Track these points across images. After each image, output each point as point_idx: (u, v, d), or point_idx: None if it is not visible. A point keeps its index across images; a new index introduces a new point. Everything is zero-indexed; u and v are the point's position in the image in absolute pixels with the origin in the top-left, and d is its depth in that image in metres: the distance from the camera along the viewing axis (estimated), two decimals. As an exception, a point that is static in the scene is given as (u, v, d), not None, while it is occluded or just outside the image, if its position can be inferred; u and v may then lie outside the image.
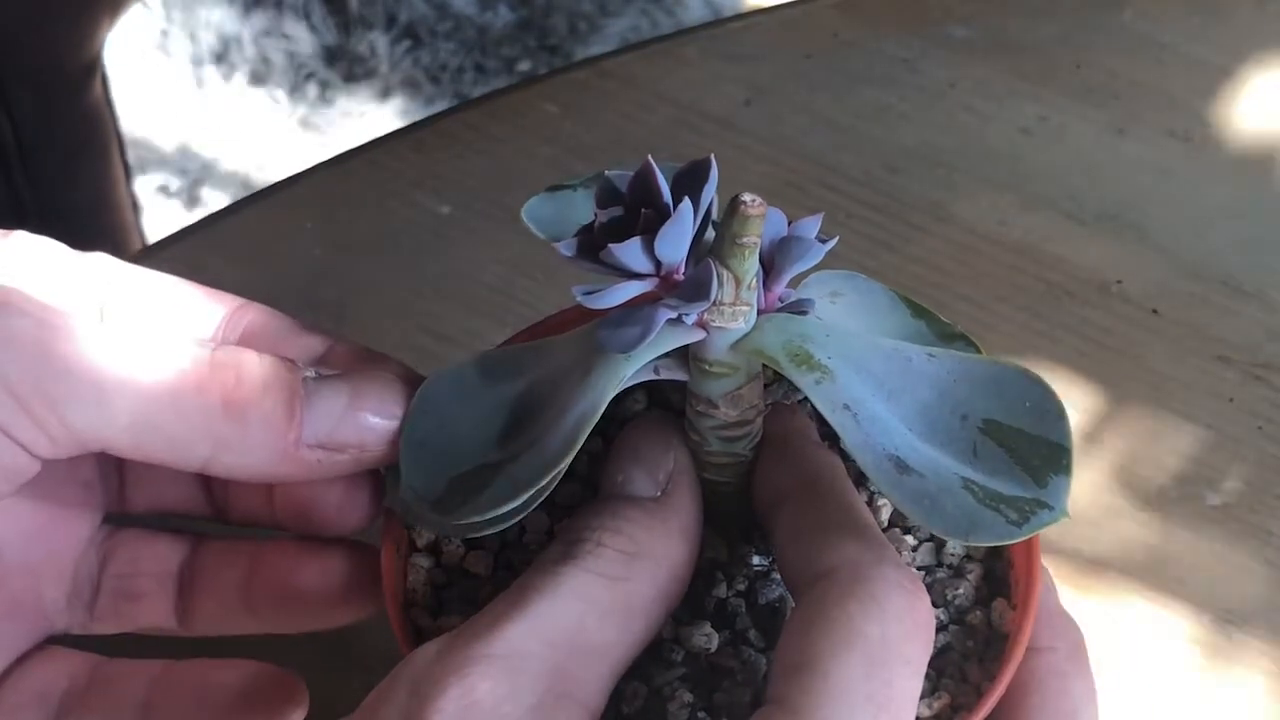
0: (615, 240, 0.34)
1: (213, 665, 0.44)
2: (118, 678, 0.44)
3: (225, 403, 0.38)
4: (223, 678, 0.44)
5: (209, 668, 0.44)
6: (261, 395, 0.39)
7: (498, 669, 0.33)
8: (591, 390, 0.35)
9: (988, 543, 0.36)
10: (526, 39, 1.29)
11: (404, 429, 0.38)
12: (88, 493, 0.44)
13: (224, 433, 0.39)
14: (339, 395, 0.39)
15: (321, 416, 0.39)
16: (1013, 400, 0.36)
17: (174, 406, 0.38)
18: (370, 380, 0.39)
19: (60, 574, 0.44)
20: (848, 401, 0.35)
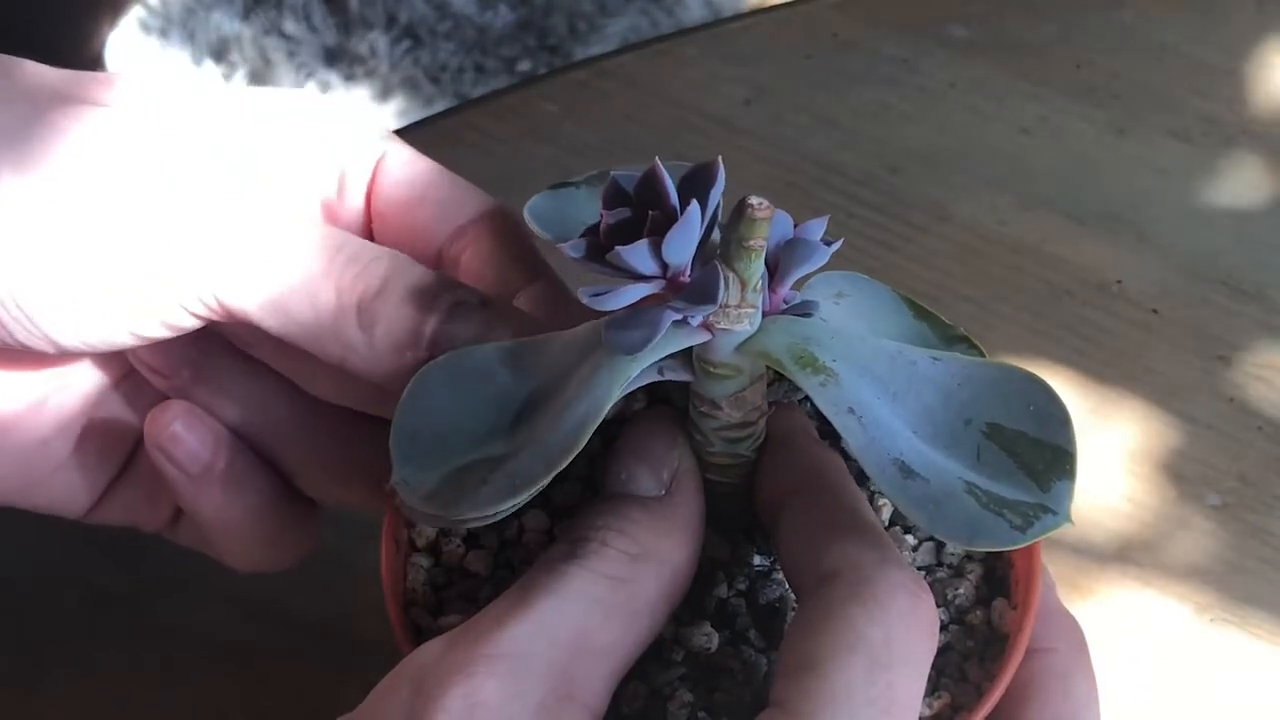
0: (622, 242, 0.34)
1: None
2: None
3: (359, 310, 0.39)
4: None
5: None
6: (396, 310, 0.39)
7: (503, 668, 0.33)
8: (596, 389, 0.35)
9: (991, 548, 0.36)
10: (526, 39, 1.29)
11: (395, 420, 0.38)
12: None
13: (351, 337, 0.39)
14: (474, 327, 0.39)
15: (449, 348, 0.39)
16: (1017, 404, 0.36)
17: (310, 300, 0.39)
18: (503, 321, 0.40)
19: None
20: (852, 404, 0.35)
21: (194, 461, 0.43)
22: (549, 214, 0.41)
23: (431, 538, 0.41)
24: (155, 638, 0.53)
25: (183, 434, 0.43)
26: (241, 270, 0.39)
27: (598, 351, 0.36)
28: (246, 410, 0.44)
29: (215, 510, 0.44)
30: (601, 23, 1.24)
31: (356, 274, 0.40)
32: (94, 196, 0.39)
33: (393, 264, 0.40)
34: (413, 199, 0.44)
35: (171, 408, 0.43)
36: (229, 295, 0.40)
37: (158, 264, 0.39)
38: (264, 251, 0.40)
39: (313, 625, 0.53)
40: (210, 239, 0.39)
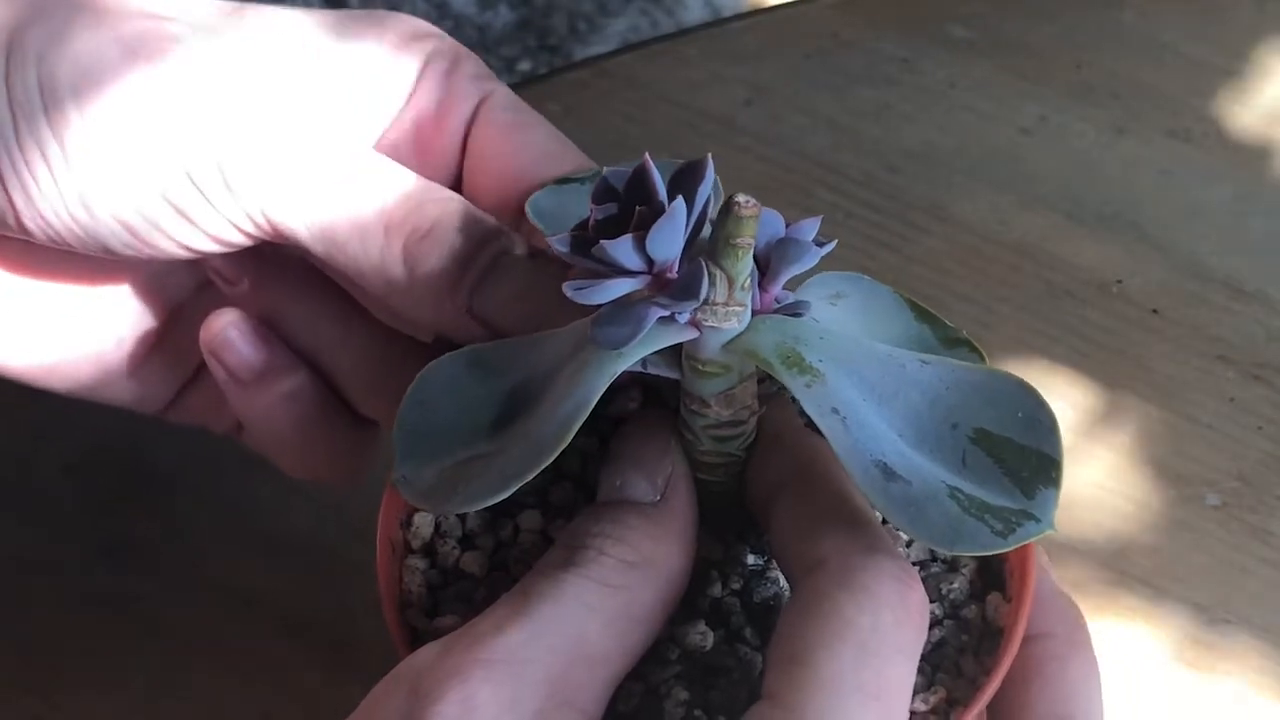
0: (609, 237, 0.34)
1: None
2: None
3: (405, 250, 0.40)
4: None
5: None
6: (441, 254, 0.40)
7: (499, 674, 0.33)
8: (582, 386, 0.35)
9: (972, 552, 0.36)
10: (526, 39, 1.29)
11: (398, 417, 0.38)
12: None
13: (395, 276, 0.40)
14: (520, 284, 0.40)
15: (493, 298, 0.40)
16: (1005, 410, 0.36)
17: (359, 232, 0.40)
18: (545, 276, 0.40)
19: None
20: (837, 405, 0.35)
21: (244, 368, 0.44)
22: (551, 210, 0.41)
23: (426, 539, 0.41)
24: (155, 638, 0.53)
25: (234, 340, 0.44)
26: (294, 191, 0.40)
27: (585, 348, 0.36)
28: (304, 324, 0.45)
29: (264, 418, 0.45)
30: (601, 23, 1.24)
31: (408, 212, 0.40)
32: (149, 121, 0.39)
33: (445, 208, 0.40)
34: (510, 145, 0.44)
35: (225, 314, 0.44)
36: (279, 214, 0.40)
37: (206, 175, 0.39)
38: (320, 175, 0.40)
39: (313, 625, 0.53)
40: (266, 155, 0.40)
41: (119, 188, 0.40)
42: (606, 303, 0.35)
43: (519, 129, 0.44)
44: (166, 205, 0.40)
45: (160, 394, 0.47)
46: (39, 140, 0.39)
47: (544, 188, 0.43)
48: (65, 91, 0.39)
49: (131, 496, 0.56)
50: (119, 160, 0.39)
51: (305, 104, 0.41)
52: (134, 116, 0.39)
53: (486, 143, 0.44)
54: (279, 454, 0.46)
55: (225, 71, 0.40)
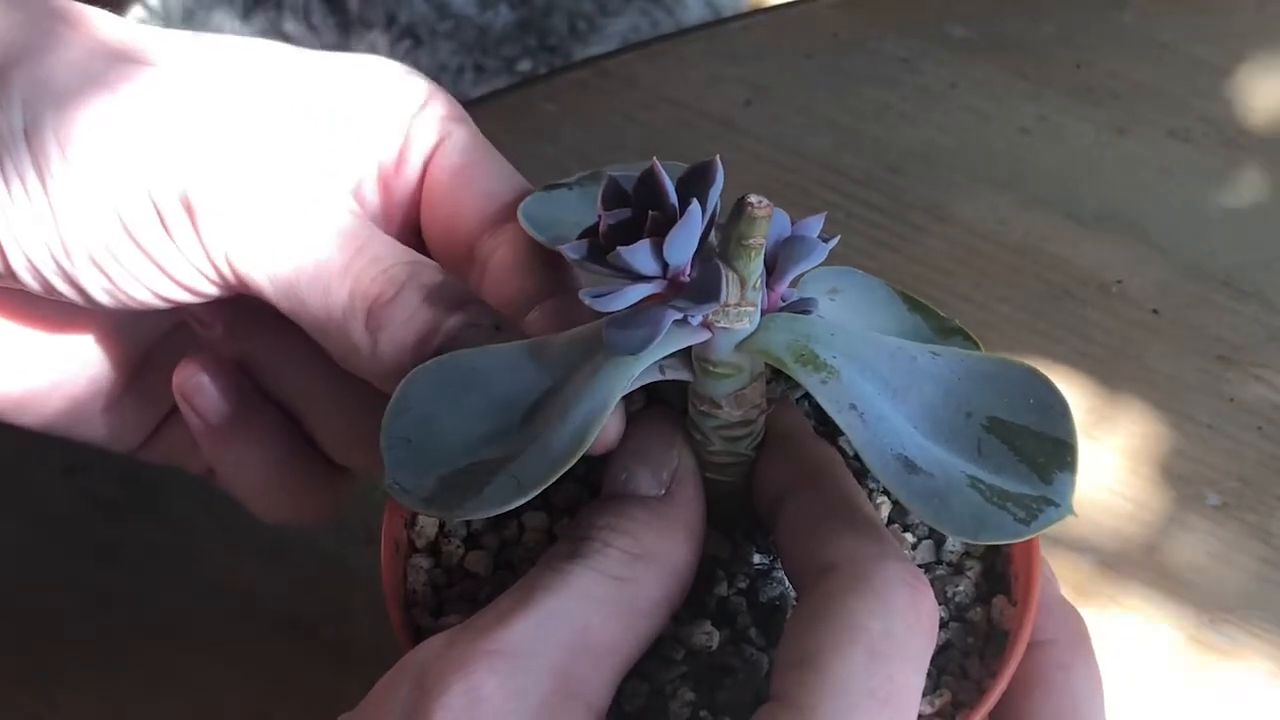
0: (623, 242, 0.34)
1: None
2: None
3: (368, 314, 0.39)
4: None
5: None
6: (405, 322, 0.39)
7: (504, 666, 0.33)
8: (599, 390, 0.35)
9: (997, 541, 0.36)
10: (526, 39, 1.28)
11: (385, 426, 0.38)
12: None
13: (357, 338, 0.40)
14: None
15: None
16: (1017, 397, 0.36)
17: (323, 291, 0.40)
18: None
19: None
20: (854, 401, 0.35)
21: (213, 414, 0.44)
22: (542, 216, 0.41)
23: (431, 539, 0.41)
24: (155, 638, 0.53)
25: (205, 386, 0.44)
26: (261, 244, 0.40)
27: (599, 352, 0.36)
28: (278, 370, 0.45)
29: (233, 462, 0.45)
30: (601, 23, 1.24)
31: (374, 276, 0.40)
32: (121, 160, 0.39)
33: (411, 271, 0.40)
34: (459, 185, 0.44)
35: (197, 361, 0.44)
36: (241, 263, 0.40)
37: (176, 225, 0.40)
38: (287, 230, 0.40)
39: (313, 625, 0.53)
40: (234, 206, 0.40)
41: (89, 220, 0.39)
42: (623, 308, 0.35)
43: (465, 171, 0.44)
44: (130, 241, 0.40)
45: (133, 433, 0.48)
46: (23, 179, 0.39)
47: (536, 191, 0.43)
48: (48, 130, 0.39)
49: (131, 496, 0.56)
50: (89, 189, 0.39)
51: (279, 146, 0.41)
52: (103, 144, 0.39)
53: (436, 188, 0.44)
54: (249, 499, 0.46)
55: (199, 105, 0.40)
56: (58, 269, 0.40)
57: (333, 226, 0.40)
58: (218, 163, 0.40)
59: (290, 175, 0.41)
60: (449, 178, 0.44)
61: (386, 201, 0.45)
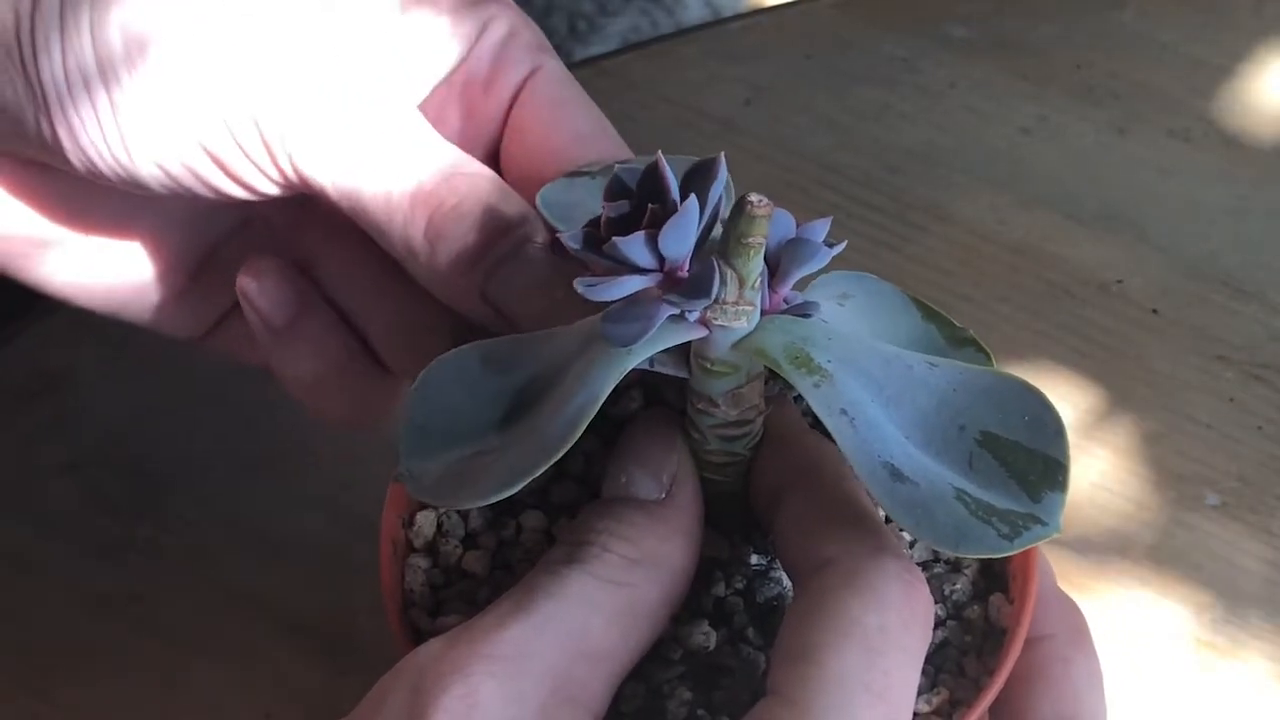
0: (620, 234, 0.34)
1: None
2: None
3: (428, 222, 0.40)
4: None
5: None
6: (464, 233, 0.40)
7: (502, 669, 0.33)
8: (591, 382, 0.35)
9: (978, 555, 0.36)
10: (527, 39, 1.28)
11: (404, 414, 0.38)
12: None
13: (416, 245, 0.40)
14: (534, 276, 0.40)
15: (506, 287, 0.40)
16: (1012, 413, 0.36)
17: (385, 197, 0.40)
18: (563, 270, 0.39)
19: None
20: (845, 406, 0.35)
21: (274, 315, 0.45)
22: (561, 204, 0.41)
23: (429, 539, 0.41)
24: (155, 637, 0.53)
25: (268, 288, 0.45)
26: (323, 148, 0.40)
27: (594, 345, 0.36)
28: (340, 275, 0.46)
29: (290, 364, 0.45)
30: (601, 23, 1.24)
31: (436, 185, 0.40)
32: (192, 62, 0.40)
33: (474, 184, 0.40)
34: (548, 123, 0.44)
35: (261, 262, 0.45)
36: (307, 168, 0.40)
37: (242, 127, 0.40)
38: (351, 135, 0.40)
39: (313, 625, 0.53)
40: (301, 109, 0.40)
41: (159, 135, 0.40)
42: (617, 300, 0.35)
43: (560, 106, 0.44)
44: (203, 154, 0.40)
45: (196, 324, 0.48)
46: (88, 84, 0.39)
47: (558, 179, 0.43)
48: (115, 38, 0.39)
49: (131, 496, 0.56)
50: (160, 108, 0.40)
51: (354, 57, 0.41)
52: (176, 66, 0.39)
53: (527, 117, 0.44)
54: (303, 397, 0.46)
55: (273, 22, 0.40)
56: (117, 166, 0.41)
57: (396, 132, 0.40)
58: (285, 70, 0.40)
59: (358, 81, 0.41)
60: (537, 113, 0.44)
61: (468, 122, 0.45)
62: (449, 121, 0.44)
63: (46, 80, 0.40)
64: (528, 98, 0.44)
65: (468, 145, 0.44)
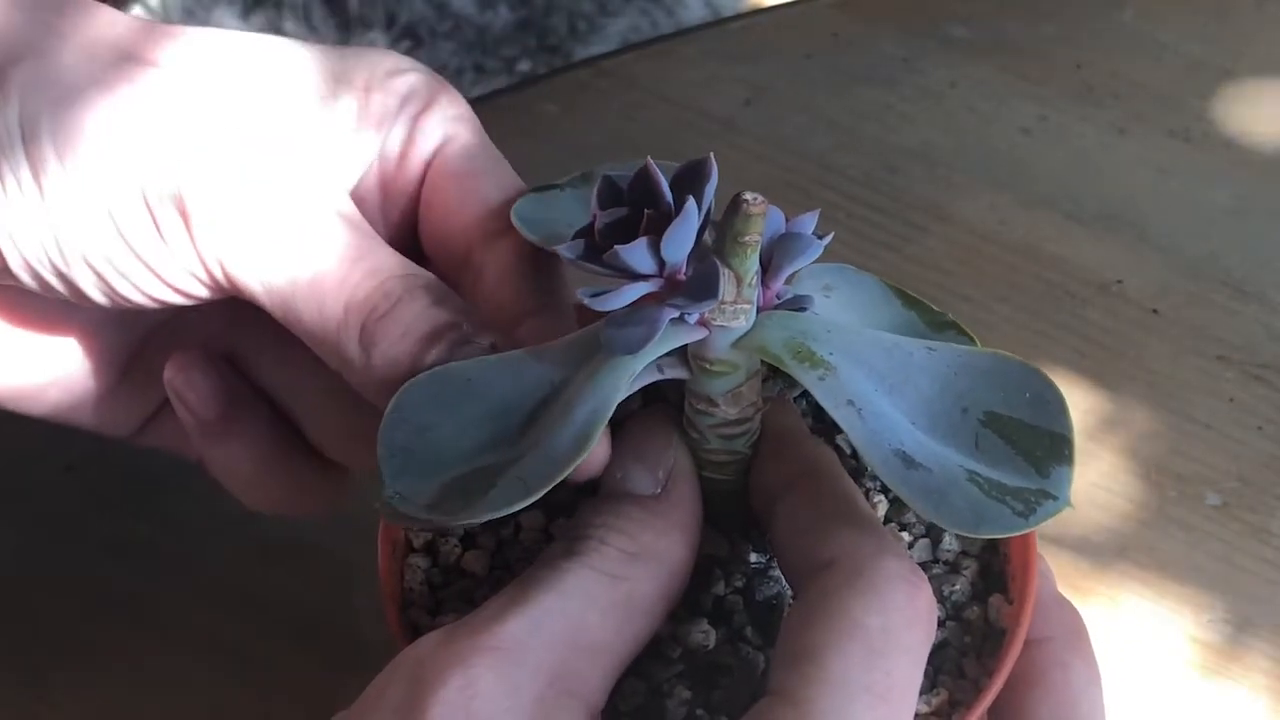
0: (619, 241, 0.34)
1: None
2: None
3: (363, 329, 0.39)
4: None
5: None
6: (399, 338, 0.39)
7: (500, 661, 0.33)
8: (600, 390, 0.35)
9: (996, 534, 0.36)
10: (526, 39, 1.29)
11: (381, 438, 0.38)
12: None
13: (350, 353, 0.39)
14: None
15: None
16: (1013, 392, 0.36)
17: (317, 303, 0.39)
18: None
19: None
20: (851, 397, 0.35)
21: (203, 409, 0.45)
22: (534, 217, 0.41)
23: (428, 538, 0.41)
24: (155, 638, 0.53)
25: (195, 382, 0.45)
26: (255, 252, 0.39)
27: (598, 353, 0.36)
28: (266, 366, 0.46)
29: (223, 455, 0.45)
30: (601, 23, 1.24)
31: (370, 290, 0.39)
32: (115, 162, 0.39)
33: (407, 285, 0.39)
34: (459, 191, 0.43)
35: (187, 356, 0.45)
36: (238, 273, 0.40)
37: (170, 229, 0.39)
38: (282, 238, 0.39)
39: (313, 625, 0.53)
40: (228, 211, 0.39)
41: (84, 221, 0.39)
42: (620, 308, 0.35)
43: (470, 177, 0.43)
44: (124, 244, 0.39)
45: (128, 421, 0.48)
46: (19, 180, 0.39)
47: (527, 194, 0.43)
48: (44, 131, 0.39)
49: (131, 496, 0.56)
50: (84, 190, 0.39)
51: (277, 146, 0.41)
52: (99, 146, 0.39)
53: (437, 191, 0.44)
54: (238, 490, 0.46)
55: (198, 107, 0.40)
56: (53, 268, 0.40)
57: (329, 235, 0.40)
58: (213, 166, 0.39)
59: (287, 179, 0.40)
60: (450, 182, 0.43)
61: (385, 199, 0.44)
62: (368, 203, 0.44)
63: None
64: (436, 171, 0.44)
65: (388, 220, 0.44)
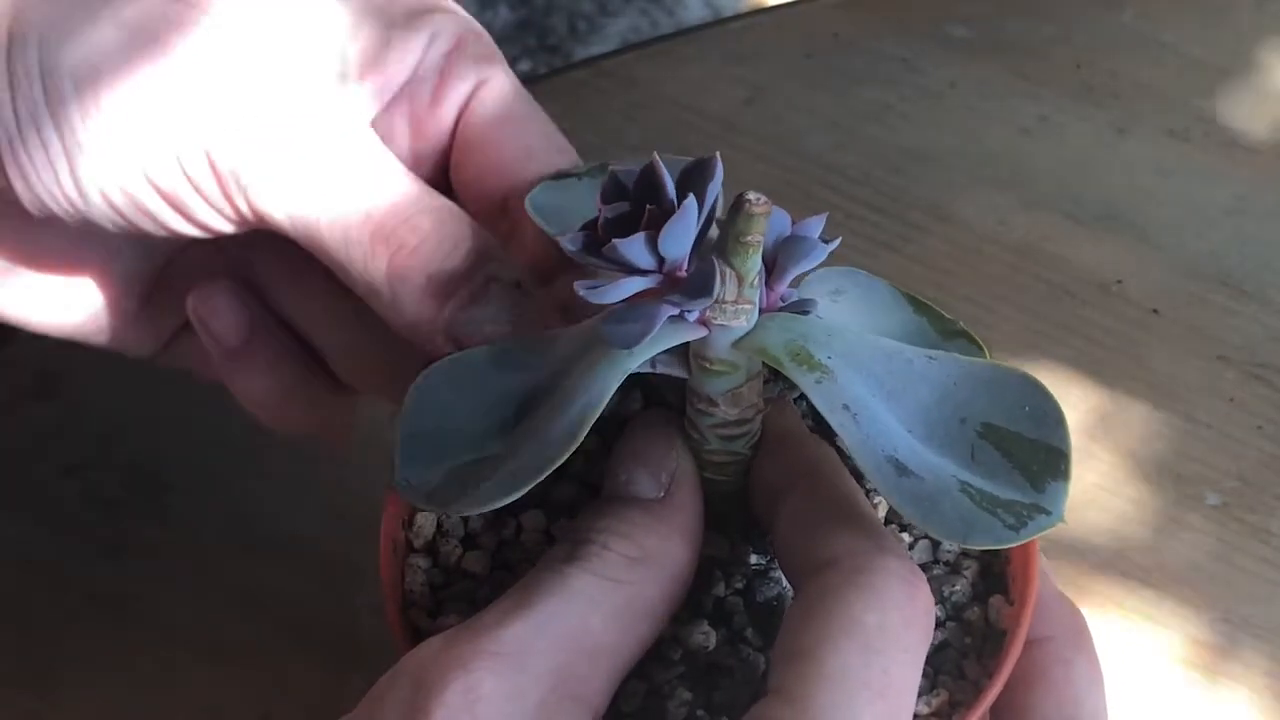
0: (620, 236, 0.34)
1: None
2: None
3: (389, 263, 0.39)
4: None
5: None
6: (427, 276, 0.39)
7: (503, 665, 0.33)
8: (593, 385, 0.35)
9: (984, 545, 0.36)
10: (526, 39, 1.29)
11: (400, 425, 0.38)
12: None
13: (377, 286, 0.40)
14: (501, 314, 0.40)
15: (472, 327, 0.40)
16: (1012, 404, 0.36)
17: (343, 237, 0.39)
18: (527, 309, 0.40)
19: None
20: (847, 402, 0.35)
21: (226, 337, 0.45)
22: (550, 206, 0.41)
23: (429, 539, 0.41)
24: (155, 637, 0.53)
25: (219, 310, 0.45)
26: (281, 187, 0.39)
27: (595, 347, 0.36)
28: (288, 294, 0.46)
29: (244, 382, 0.46)
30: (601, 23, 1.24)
31: (397, 224, 0.39)
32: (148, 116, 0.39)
33: (436, 220, 0.40)
34: (496, 138, 0.43)
35: (211, 285, 0.45)
36: (263, 205, 0.40)
37: (194, 162, 0.39)
38: (309, 173, 0.40)
39: (313, 625, 0.53)
40: (255, 144, 0.39)
41: (112, 178, 0.39)
42: (618, 302, 0.35)
43: (507, 121, 0.43)
44: (157, 195, 0.40)
45: (152, 342, 0.48)
46: (38, 125, 0.39)
47: (540, 184, 0.42)
48: (64, 77, 0.39)
49: (131, 496, 0.56)
50: (112, 151, 0.39)
51: (305, 84, 0.41)
52: (126, 101, 0.39)
53: (474, 132, 0.44)
54: (257, 412, 0.47)
55: (224, 48, 0.40)
56: (69, 207, 0.40)
57: (354, 163, 0.40)
58: (238, 104, 0.39)
59: (312, 113, 0.40)
60: (485, 128, 0.43)
61: (417, 141, 0.44)
62: (397, 137, 0.44)
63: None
64: (473, 113, 0.44)
65: (417, 161, 0.44)
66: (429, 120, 0.44)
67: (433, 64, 0.43)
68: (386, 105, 0.44)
